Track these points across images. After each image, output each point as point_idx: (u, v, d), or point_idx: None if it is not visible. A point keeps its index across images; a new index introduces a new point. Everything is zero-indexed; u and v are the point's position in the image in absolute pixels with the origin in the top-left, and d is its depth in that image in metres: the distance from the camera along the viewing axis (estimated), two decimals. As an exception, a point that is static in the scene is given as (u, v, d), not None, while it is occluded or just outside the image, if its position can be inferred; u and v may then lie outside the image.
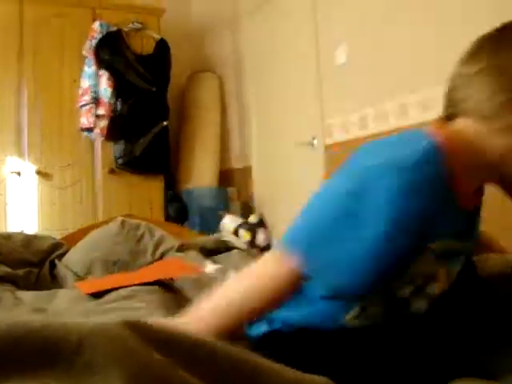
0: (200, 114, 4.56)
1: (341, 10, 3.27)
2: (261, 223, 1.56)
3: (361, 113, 3.08)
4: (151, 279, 1.34)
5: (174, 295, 1.33)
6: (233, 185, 4.68)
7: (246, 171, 4.55)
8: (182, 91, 4.73)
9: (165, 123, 4.12)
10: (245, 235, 1.59)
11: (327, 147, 3.42)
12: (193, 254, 1.85)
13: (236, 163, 4.75)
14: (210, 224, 3.80)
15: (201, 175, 4.41)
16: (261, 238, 1.52)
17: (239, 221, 1.99)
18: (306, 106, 3.66)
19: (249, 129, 4.50)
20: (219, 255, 1.96)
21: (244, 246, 1.69)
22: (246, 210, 4.46)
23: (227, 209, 4.17)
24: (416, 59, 2.67)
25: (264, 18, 4.23)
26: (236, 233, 1.66)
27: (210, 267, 1.55)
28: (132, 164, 4.01)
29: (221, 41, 4.86)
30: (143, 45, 4.19)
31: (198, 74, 4.76)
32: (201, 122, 4.54)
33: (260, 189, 4.40)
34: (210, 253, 1.99)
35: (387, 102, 2.87)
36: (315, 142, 3.52)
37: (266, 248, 1.49)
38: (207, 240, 2.04)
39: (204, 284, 1.44)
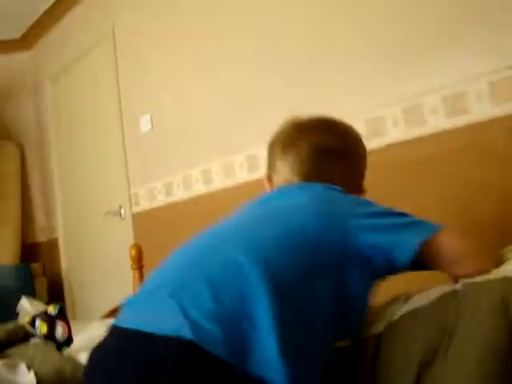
0: (-1, 184, 4.23)
1: (143, 82, 3.32)
2: (60, 315, 1.44)
3: (166, 180, 3.09)
4: None
5: None
6: (37, 259, 4.36)
7: (52, 244, 4.29)
8: (-23, 161, 4.35)
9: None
10: (42, 327, 1.45)
11: (135, 215, 3.37)
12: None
13: (40, 236, 4.46)
14: (12, 308, 3.46)
15: (0, 251, 4.04)
16: (59, 331, 1.40)
17: (38, 306, 1.82)
18: (112, 174, 3.60)
19: (53, 199, 4.28)
20: (13, 348, 1.77)
21: (39, 340, 1.54)
22: (54, 286, 4.18)
23: (31, 287, 3.85)
24: (218, 128, 2.78)
25: (67, 85, 4.13)
26: (33, 323, 1.51)
27: (-7, 364, 1.37)
28: None
29: (21, 106, 4.61)
30: None
31: (-4, 142, 4.43)
32: (0, 193, 4.20)
33: (68, 262, 4.17)
34: (3, 346, 1.79)
35: (191, 169, 2.92)
36: (122, 210, 3.45)
37: (65, 343, 1.37)
38: (-1, 331, 1.84)
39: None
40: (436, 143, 1.86)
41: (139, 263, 2.34)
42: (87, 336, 1.45)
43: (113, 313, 2.22)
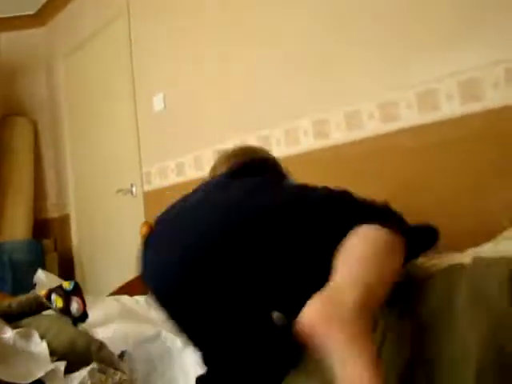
0: (12, 159, 4.25)
1: (157, 61, 3.31)
2: (76, 291, 1.46)
3: (178, 159, 3.11)
4: None
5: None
6: (49, 235, 4.41)
7: (64, 220, 4.33)
8: (-10, 135, 4.38)
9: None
10: (57, 301, 1.48)
11: (146, 194, 3.39)
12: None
13: (52, 212, 4.50)
14: (25, 281, 3.52)
15: (13, 226, 4.09)
16: (75, 307, 1.42)
17: (53, 279, 1.85)
18: (124, 153, 3.61)
19: (65, 176, 4.31)
20: (27, 319, 1.81)
21: (53, 312, 1.57)
22: (65, 262, 4.23)
23: (43, 262, 3.90)
24: (231, 108, 2.78)
25: (81, 62, 4.13)
26: (48, 297, 1.53)
27: (8, 333, 1.41)
28: None
29: (34, 82, 4.62)
30: None
31: (9, 118, 4.44)
32: (13, 168, 4.23)
33: (79, 238, 4.21)
34: (16, 317, 1.83)
35: (203, 149, 2.93)
36: (134, 189, 3.47)
37: (80, 319, 1.40)
38: (11, 303, 1.87)
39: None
40: (450, 129, 1.85)
41: (150, 241, 2.36)
42: (101, 312, 1.48)
43: (123, 289, 2.26)
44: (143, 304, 1.71)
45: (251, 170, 1.27)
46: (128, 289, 2.18)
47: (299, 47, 2.39)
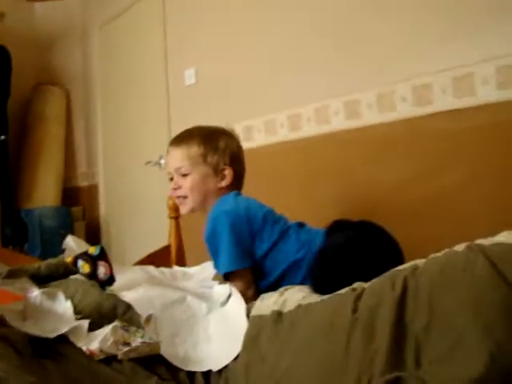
0: (44, 128, 4.33)
1: (190, 35, 3.31)
2: (102, 256, 1.49)
3: (207, 134, 3.11)
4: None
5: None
6: (78, 204, 4.49)
7: (93, 189, 4.40)
8: (24, 103, 4.45)
9: (3, 137, 3.84)
10: (84, 267, 1.51)
11: (174, 167, 3.41)
12: (22, 282, 1.72)
13: (82, 181, 4.57)
14: (53, 246, 3.60)
15: (43, 193, 4.17)
16: (102, 271, 1.45)
17: (82, 244, 1.88)
18: (154, 125, 3.64)
19: (96, 146, 4.36)
20: (55, 282, 1.85)
21: (80, 276, 1.60)
22: (92, 230, 4.30)
23: (71, 229, 3.98)
24: (261, 84, 2.77)
25: (115, 33, 4.15)
26: (74, 263, 1.56)
27: (35, 292, 1.45)
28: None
29: (69, 52, 4.67)
30: (-21, 51, 3.89)
31: (43, 86, 4.51)
32: (44, 136, 4.31)
33: (107, 208, 4.28)
34: (44, 279, 1.87)
35: (233, 125, 2.93)
36: (162, 161, 3.50)
37: (107, 282, 1.43)
38: (40, 265, 1.92)
39: (27, 310, 1.35)
40: (485, 114, 1.82)
41: (176, 213, 2.39)
42: (129, 278, 1.51)
43: (148, 259, 2.29)
44: (168, 275, 1.74)
45: None
46: (153, 259, 2.21)
47: (332, 24, 2.36)
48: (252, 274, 1.47)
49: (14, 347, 1.05)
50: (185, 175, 1.63)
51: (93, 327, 1.25)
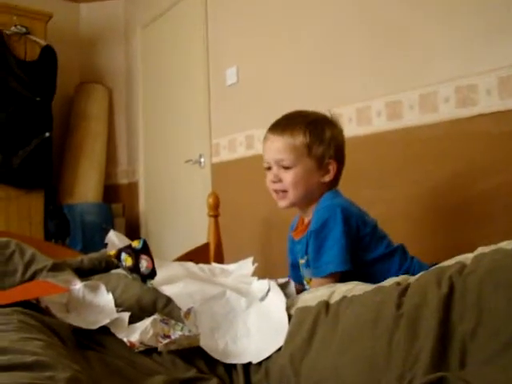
0: (87, 125, 4.42)
1: (231, 34, 3.33)
2: (145, 249, 1.51)
3: (247, 133, 3.13)
4: (11, 301, 1.26)
5: (36, 316, 1.25)
6: (118, 201, 4.57)
7: (133, 187, 4.47)
8: (68, 101, 4.55)
9: (47, 134, 3.93)
10: (127, 260, 1.53)
11: (214, 165, 3.44)
12: (66, 274, 1.76)
13: (122, 178, 4.65)
14: (94, 241, 3.68)
15: (85, 189, 4.26)
16: (143, 264, 1.47)
17: (124, 239, 1.91)
18: (194, 123, 3.67)
19: (136, 144, 4.43)
20: (97, 275, 1.88)
21: (121, 270, 1.63)
22: (132, 227, 4.37)
23: (112, 226, 4.05)
24: (302, 84, 2.76)
25: (157, 33, 4.21)
26: (118, 256, 1.59)
27: (78, 285, 1.48)
28: (9, 176, 3.78)
29: (112, 51, 4.77)
30: (27, 51, 3.97)
31: (86, 85, 4.61)
32: (87, 134, 4.40)
33: (146, 205, 4.34)
34: (86, 273, 1.91)
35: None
36: (202, 160, 3.53)
37: (149, 276, 1.45)
38: (83, 259, 1.96)
39: (70, 302, 1.39)
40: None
41: (216, 211, 2.41)
42: (169, 272, 1.53)
43: (187, 256, 2.31)
44: (207, 271, 1.75)
45: None
46: (192, 257, 2.23)
47: (372, 23, 2.33)
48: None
49: (60, 337, 1.08)
50: (287, 168, 1.48)
51: (133, 320, 1.28)
